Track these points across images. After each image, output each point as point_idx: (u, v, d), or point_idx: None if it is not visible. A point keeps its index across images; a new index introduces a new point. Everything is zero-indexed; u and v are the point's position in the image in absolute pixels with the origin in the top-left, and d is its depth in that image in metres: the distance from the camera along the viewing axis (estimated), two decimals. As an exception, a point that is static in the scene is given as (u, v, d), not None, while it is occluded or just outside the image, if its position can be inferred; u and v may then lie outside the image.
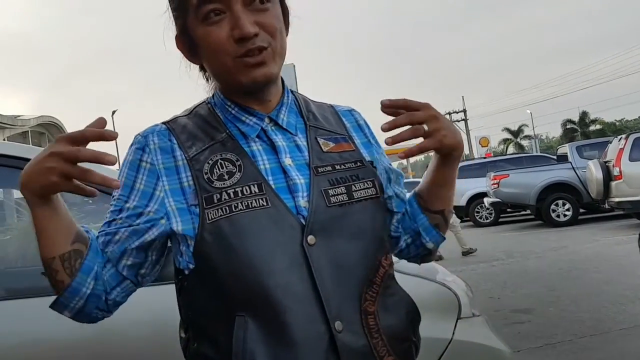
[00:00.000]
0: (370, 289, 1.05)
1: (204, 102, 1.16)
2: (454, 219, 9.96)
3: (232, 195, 1.01)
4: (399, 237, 1.25)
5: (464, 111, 47.64)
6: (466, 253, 10.12)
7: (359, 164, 1.12)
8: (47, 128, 38.60)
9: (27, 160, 0.99)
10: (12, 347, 1.76)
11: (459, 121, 47.56)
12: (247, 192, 1.01)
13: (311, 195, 1.05)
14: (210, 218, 1.01)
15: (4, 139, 28.67)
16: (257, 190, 1.02)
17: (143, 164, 1.07)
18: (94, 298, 1.05)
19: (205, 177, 1.03)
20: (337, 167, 1.10)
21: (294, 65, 12.95)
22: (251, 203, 1.00)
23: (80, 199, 2.61)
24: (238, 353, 0.97)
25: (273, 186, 1.04)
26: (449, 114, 48.02)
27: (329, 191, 1.06)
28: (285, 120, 1.12)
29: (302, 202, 1.04)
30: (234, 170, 1.03)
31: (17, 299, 1.97)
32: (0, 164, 2.03)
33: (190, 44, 1.10)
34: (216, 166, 1.04)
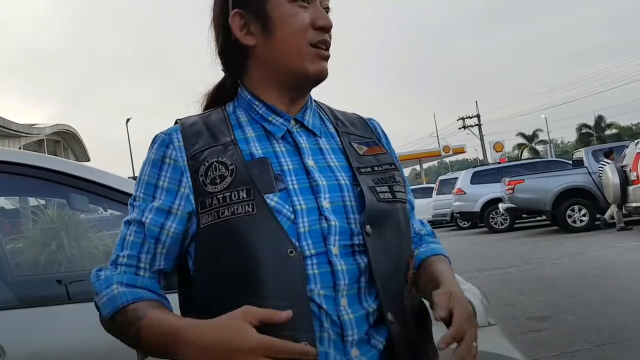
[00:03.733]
0: (406, 284, 1.08)
1: (220, 107, 1.16)
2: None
3: (220, 201, 1.01)
4: None
5: (478, 116, 47.35)
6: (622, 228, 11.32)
7: (392, 166, 1.16)
8: (63, 136, 38.97)
9: (41, 169, 0.96)
10: (26, 356, 1.74)
11: (472, 126, 47.35)
12: (235, 197, 1.00)
13: (363, 190, 1.06)
14: (202, 223, 1.01)
15: (20, 147, 28.99)
16: (245, 196, 1.00)
17: (167, 160, 1.07)
18: None
19: (201, 179, 1.03)
20: (376, 168, 1.13)
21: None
22: (237, 209, 0.99)
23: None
24: None
25: (297, 186, 1.04)
26: (463, 118, 47.84)
27: (376, 188, 1.09)
28: (311, 122, 1.14)
29: (325, 203, 1.04)
30: (226, 174, 1.02)
31: (29, 308, 1.95)
32: (16, 173, 2.03)
33: (255, 20, 1.08)
34: (210, 169, 1.04)
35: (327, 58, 1.08)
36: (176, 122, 1.13)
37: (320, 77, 1.09)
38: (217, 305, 0.97)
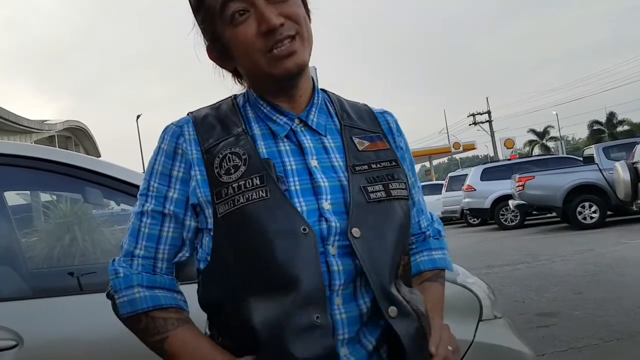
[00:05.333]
0: (397, 280, 1.09)
1: (230, 97, 1.18)
2: None
3: (235, 189, 1.03)
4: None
5: (489, 112, 47.19)
6: None
7: (393, 163, 1.15)
8: (74, 132, 39.23)
9: (53, 162, 1.00)
10: (40, 347, 1.79)
11: (483, 122, 47.17)
12: (249, 185, 1.03)
13: (351, 192, 1.06)
14: (219, 212, 1.04)
15: (32, 143, 29.19)
16: (258, 183, 1.03)
17: (179, 151, 1.10)
18: None
19: (216, 171, 1.06)
20: (374, 165, 1.12)
21: (316, 68, 12.94)
22: (251, 195, 1.02)
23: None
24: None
25: (298, 187, 1.06)
26: (473, 115, 47.66)
27: (368, 187, 1.08)
28: (315, 121, 1.13)
29: (326, 204, 1.05)
30: (239, 164, 1.05)
31: (44, 298, 2.00)
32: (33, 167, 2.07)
33: (222, 50, 1.11)
34: (225, 160, 1.06)
35: (290, 53, 1.04)
36: (188, 114, 1.15)
37: (288, 75, 1.07)
38: (243, 289, 1.02)
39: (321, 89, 1.20)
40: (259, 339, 0.98)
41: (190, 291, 1.15)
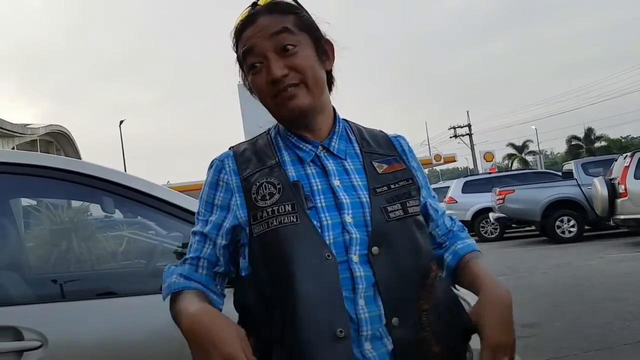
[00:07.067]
0: (424, 289, 1.22)
1: (265, 132, 1.37)
2: None
3: (270, 213, 1.21)
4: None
5: (469, 126, 47.73)
6: None
7: (410, 181, 1.32)
8: (56, 137, 38.83)
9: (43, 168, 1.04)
10: (40, 351, 1.79)
11: (463, 135, 47.65)
12: (282, 210, 1.21)
13: (372, 212, 1.23)
14: (255, 232, 1.22)
15: (14, 147, 28.86)
16: (290, 209, 1.21)
17: (221, 182, 1.30)
18: None
19: (253, 197, 1.24)
20: (392, 186, 1.29)
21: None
22: (283, 220, 1.20)
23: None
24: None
25: (324, 204, 1.23)
26: (454, 128, 48.13)
27: (388, 207, 1.24)
28: (336, 147, 1.31)
29: (348, 218, 1.22)
30: (274, 192, 1.23)
31: (47, 303, 2.04)
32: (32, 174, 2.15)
33: (250, 90, 1.34)
34: (261, 187, 1.25)
35: (291, 97, 1.24)
36: (229, 149, 1.37)
37: (291, 116, 1.27)
38: (271, 300, 1.18)
39: (343, 119, 1.38)
40: (281, 345, 1.15)
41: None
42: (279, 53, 1.23)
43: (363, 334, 1.16)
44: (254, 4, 1.29)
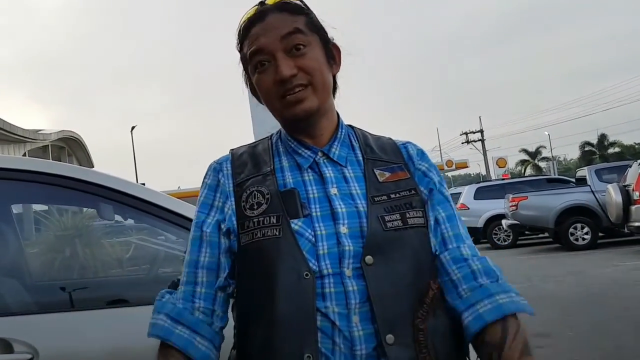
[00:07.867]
0: (421, 307, 1.13)
1: (268, 137, 1.33)
2: None
3: (255, 224, 1.16)
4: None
5: (481, 131, 47.48)
6: None
7: (413, 192, 1.23)
8: (67, 142, 39.14)
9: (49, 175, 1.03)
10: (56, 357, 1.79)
11: (475, 141, 47.43)
12: (267, 222, 1.16)
13: (368, 221, 1.15)
14: (242, 242, 1.17)
15: (25, 153, 29.14)
16: (274, 221, 1.16)
17: (219, 185, 1.25)
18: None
19: (242, 204, 1.20)
20: (393, 195, 1.20)
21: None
22: (267, 232, 1.15)
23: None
24: None
25: (319, 213, 1.16)
26: (466, 133, 47.93)
27: (385, 217, 1.16)
28: (337, 154, 1.25)
29: (343, 228, 1.15)
30: (262, 202, 1.18)
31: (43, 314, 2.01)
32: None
33: (253, 90, 1.28)
34: (251, 196, 1.20)
35: (298, 101, 1.18)
36: (230, 151, 1.32)
37: (296, 118, 1.21)
38: (249, 315, 1.15)
39: (348, 125, 1.32)
40: None
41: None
42: (288, 52, 1.19)
43: (357, 353, 1.08)
44: (262, 3, 1.24)
